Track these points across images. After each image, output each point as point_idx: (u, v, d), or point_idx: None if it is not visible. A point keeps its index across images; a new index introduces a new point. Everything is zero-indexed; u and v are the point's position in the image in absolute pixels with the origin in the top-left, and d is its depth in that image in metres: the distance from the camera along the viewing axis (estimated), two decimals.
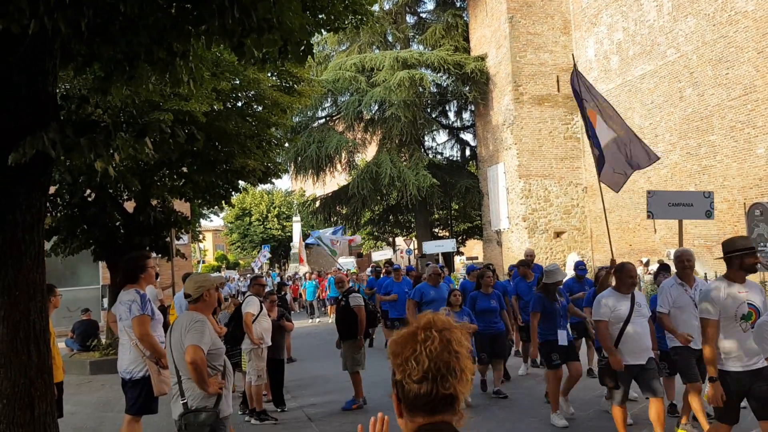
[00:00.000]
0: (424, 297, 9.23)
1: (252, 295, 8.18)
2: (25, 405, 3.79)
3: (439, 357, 1.54)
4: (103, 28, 3.71)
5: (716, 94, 19.72)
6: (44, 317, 4.01)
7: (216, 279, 4.69)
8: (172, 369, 4.22)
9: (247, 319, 7.75)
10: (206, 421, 4.04)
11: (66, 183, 11.01)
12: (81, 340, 13.77)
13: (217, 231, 71.43)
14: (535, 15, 26.66)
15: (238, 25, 3.63)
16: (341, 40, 32.05)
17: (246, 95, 11.40)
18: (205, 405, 4.09)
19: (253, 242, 55.72)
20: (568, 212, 26.58)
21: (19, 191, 3.79)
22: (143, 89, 5.13)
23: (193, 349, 4.00)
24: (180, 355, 4.08)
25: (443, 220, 35.79)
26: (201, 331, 4.08)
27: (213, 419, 4.06)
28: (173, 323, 4.39)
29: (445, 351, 1.55)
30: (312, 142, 28.57)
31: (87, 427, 7.93)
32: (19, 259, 3.80)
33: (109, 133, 3.72)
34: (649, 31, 22.49)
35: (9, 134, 3.62)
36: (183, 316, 4.39)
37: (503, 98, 27.01)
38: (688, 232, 21.07)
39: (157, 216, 12.22)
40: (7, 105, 3.71)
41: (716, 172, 19.88)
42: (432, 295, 9.25)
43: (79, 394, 10.05)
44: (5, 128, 3.67)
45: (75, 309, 16.01)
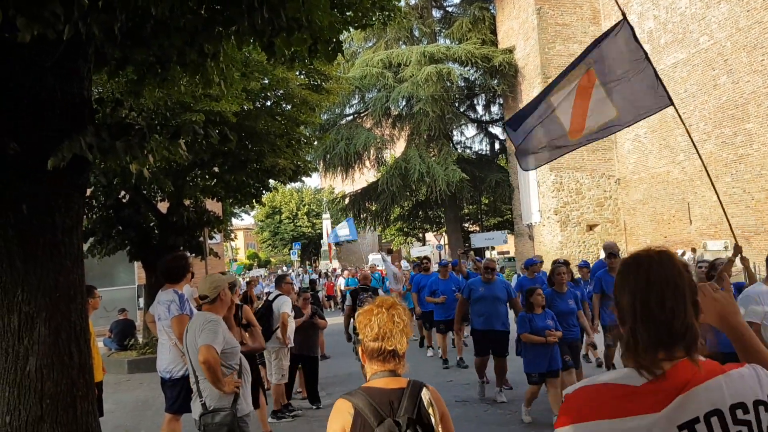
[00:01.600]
0: (473, 294, 8.40)
1: (283, 295, 8.23)
2: (67, 404, 3.85)
3: (385, 325, 2.36)
4: (135, 32, 3.75)
5: (752, 81, 19.27)
6: (84, 318, 4.07)
7: (228, 278, 4.71)
8: (190, 369, 4.25)
9: (284, 319, 7.82)
10: (223, 421, 4.05)
11: (101, 185, 11.20)
12: (119, 340, 14.01)
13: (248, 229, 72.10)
14: (564, 6, 26.35)
15: (268, 25, 3.63)
16: (368, 36, 32.08)
17: (275, 94, 11.47)
18: (223, 405, 4.11)
19: (283, 240, 56.13)
20: (601, 204, 26.25)
21: (57, 195, 3.85)
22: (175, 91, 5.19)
23: (205, 348, 4.01)
24: (195, 356, 4.11)
25: (473, 215, 35.67)
26: (214, 330, 4.10)
27: (230, 419, 4.07)
28: (188, 324, 4.41)
29: (390, 321, 2.37)
30: (340, 140, 28.65)
31: (126, 425, 8.06)
32: (60, 262, 3.86)
33: (144, 135, 3.75)
34: (681, 18, 22.06)
35: (46, 139, 3.68)
36: (197, 316, 4.40)
37: (532, 90, 26.75)
38: (724, 223, 20.66)
39: (190, 216, 12.37)
40: (43, 110, 3.77)
41: (753, 160, 19.44)
42: (481, 291, 8.37)
43: (118, 392, 10.22)
44: (43, 133, 3.74)
45: (112, 309, 16.29)
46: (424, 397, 2.39)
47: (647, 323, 1.42)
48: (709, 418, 1.33)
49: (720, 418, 1.33)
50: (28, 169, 3.72)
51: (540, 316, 6.88)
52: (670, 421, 1.34)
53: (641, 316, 1.43)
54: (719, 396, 1.35)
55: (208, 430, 4.07)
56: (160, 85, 4.33)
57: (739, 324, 1.59)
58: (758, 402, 1.35)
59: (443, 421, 2.42)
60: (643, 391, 1.38)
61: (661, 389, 1.37)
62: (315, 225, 55.29)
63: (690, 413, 1.33)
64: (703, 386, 1.36)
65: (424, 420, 2.34)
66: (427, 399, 2.39)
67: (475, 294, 8.35)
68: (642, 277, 1.47)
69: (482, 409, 7.68)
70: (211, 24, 3.75)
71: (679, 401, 1.35)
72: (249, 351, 5.73)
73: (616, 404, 1.38)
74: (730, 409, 1.34)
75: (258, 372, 7.13)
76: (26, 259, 3.79)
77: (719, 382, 1.37)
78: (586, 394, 1.44)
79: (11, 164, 3.66)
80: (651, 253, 1.51)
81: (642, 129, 24.49)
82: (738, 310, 1.61)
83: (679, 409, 1.35)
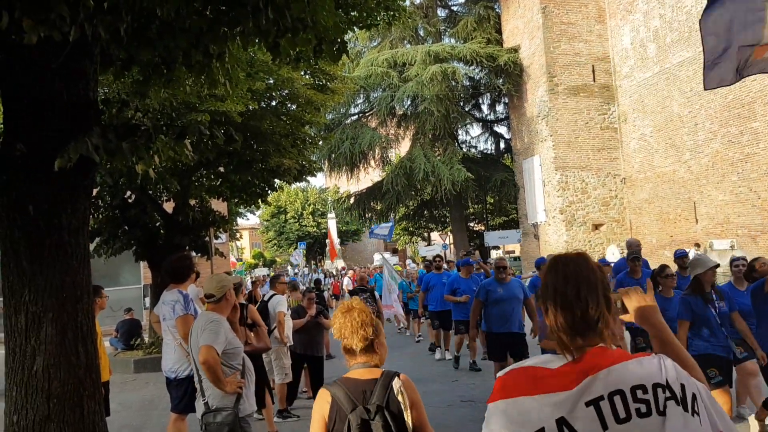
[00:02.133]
0: (490, 296, 8.04)
1: (278, 294, 8.26)
2: (74, 404, 3.88)
3: (342, 327, 2.75)
4: (140, 33, 3.76)
5: (758, 80, 19.17)
6: (91, 318, 4.10)
7: (234, 279, 4.71)
8: (194, 369, 4.27)
9: (281, 318, 7.86)
10: (225, 421, 4.06)
11: (107, 185, 11.25)
12: (125, 339, 14.06)
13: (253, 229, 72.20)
14: (569, 4, 26.29)
15: (273, 26, 3.65)
16: (372, 36, 32.07)
17: (280, 94, 11.49)
18: (225, 404, 4.12)
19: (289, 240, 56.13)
20: (607, 204, 26.19)
21: (64, 195, 3.87)
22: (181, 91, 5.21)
23: (205, 349, 4.02)
24: (197, 356, 4.13)
25: (479, 214, 35.64)
26: (215, 331, 4.10)
27: (231, 419, 4.07)
28: (193, 324, 4.42)
29: (344, 323, 2.74)
30: (345, 139, 28.66)
31: (132, 425, 8.08)
32: (66, 262, 3.88)
33: (150, 136, 3.77)
34: (687, 17, 21.98)
35: (53, 140, 3.69)
36: (200, 316, 4.41)
37: (538, 89, 26.71)
38: (731, 222, 20.60)
39: (196, 216, 12.41)
40: (49, 111, 3.79)
41: (759, 159, 19.36)
42: (500, 293, 7.99)
43: (124, 392, 10.25)
44: (49, 134, 3.75)
45: (118, 309, 16.34)
46: (394, 385, 2.62)
47: (566, 312, 1.67)
48: (613, 396, 1.55)
49: (622, 396, 1.55)
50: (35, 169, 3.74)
51: None
52: (579, 397, 1.57)
53: (561, 306, 1.68)
54: (623, 378, 1.56)
55: (210, 429, 4.08)
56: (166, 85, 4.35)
57: (658, 322, 1.84)
58: (656, 384, 1.55)
59: (413, 407, 2.61)
60: (560, 372, 1.63)
61: (574, 371, 1.61)
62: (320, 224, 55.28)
63: (596, 392, 1.56)
64: (609, 369, 1.58)
65: (393, 406, 2.57)
66: (397, 387, 2.61)
67: (493, 295, 8.00)
68: (561, 273, 1.72)
69: None
70: (217, 25, 3.76)
71: (588, 381, 1.58)
72: (254, 351, 5.74)
73: (537, 383, 1.63)
74: (631, 390, 1.55)
75: (264, 372, 7.14)
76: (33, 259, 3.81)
77: (624, 366, 1.59)
78: (514, 375, 1.69)
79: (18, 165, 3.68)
80: (570, 255, 1.79)
81: (648, 128, 24.42)
82: (657, 310, 1.87)
83: (587, 387, 1.57)
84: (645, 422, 1.52)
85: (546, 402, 1.59)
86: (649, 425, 1.52)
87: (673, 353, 1.72)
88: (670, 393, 1.55)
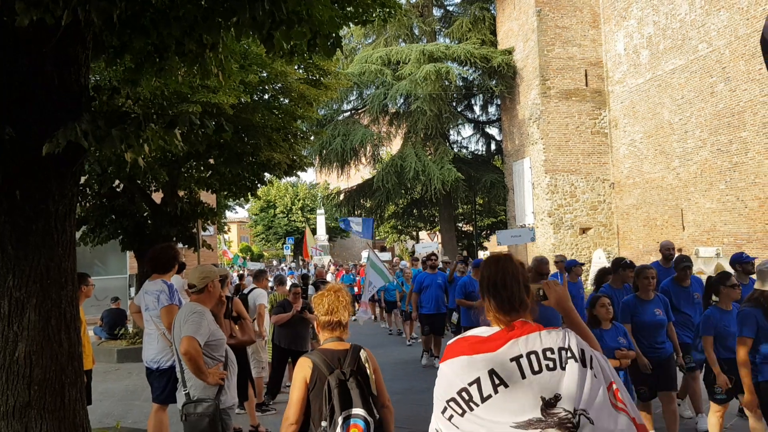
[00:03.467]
0: None
1: (258, 288, 8.27)
2: (55, 391, 3.85)
3: (332, 303, 3.30)
4: (134, 20, 3.74)
5: (749, 90, 19.34)
6: (75, 305, 4.07)
7: (220, 271, 4.69)
8: (176, 359, 4.26)
9: (261, 311, 7.87)
10: (205, 412, 4.05)
11: (95, 173, 11.16)
12: (109, 329, 13.99)
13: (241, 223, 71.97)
14: (564, 8, 26.37)
15: (268, 18, 3.63)
16: (367, 33, 32.05)
17: (273, 88, 11.45)
18: (206, 396, 4.11)
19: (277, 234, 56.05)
20: (595, 208, 26.31)
21: (51, 181, 3.84)
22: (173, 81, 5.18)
23: (186, 340, 4.01)
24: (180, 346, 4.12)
25: (467, 215, 35.70)
26: (198, 322, 4.09)
27: (212, 410, 4.07)
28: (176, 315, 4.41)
29: (335, 300, 3.31)
30: (337, 135, 28.61)
31: (114, 414, 8.05)
32: (52, 248, 3.85)
33: (140, 124, 3.74)
34: (681, 25, 22.12)
35: (42, 125, 3.66)
36: (183, 307, 4.40)
37: (530, 92, 26.79)
38: (717, 230, 20.75)
39: (184, 207, 12.35)
40: (40, 95, 3.76)
41: (747, 169, 19.52)
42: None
43: (107, 381, 10.20)
44: (38, 118, 3.72)
45: (103, 298, 16.25)
46: (362, 355, 3.30)
47: (496, 296, 2.25)
48: (529, 355, 2.07)
49: (536, 355, 2.08)
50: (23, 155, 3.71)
51: (609, 333, 5.46)
52: (504, 356, 2.08)
53: (492, 292, 2.26)
54: (536, 343, 2.10)
55: (190, 420, 4.07)
56: (158, 74, 4.33)
57: (568, 308, 2.47)
58: (561, 348, 2.09)
59: (376, 373, 3.33)
60: (491, 338, 2.16)
61: (501, 337, 2.14)
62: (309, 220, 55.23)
63: (517, 352, 2.09)
64: (527, 336, 2.12)
65: (362, 371, 3.24)
66: (364, 357, 3.30)
67: None
68: (493, 268, 2.31)
69: None
70: (211, 15, 3.74)
71: (511, 344, 2.11)
72: (239, 343, 5.73)
73: (473, 347, 2.15)
74: (542, 351, 2.08)
75: (248, 365, 7.13)
76: (18, 245, 3.78)
77: (538, 334, 2.13)
78: (457, 342, 2.23)
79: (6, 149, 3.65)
80: (500, 255, 2.39)
81: (638, 134, 24.55)
82: (569, 298, 2.49)
83: (511, 349, 2.10)
84: (552, 374, 2.04)
85: (480, 359, 2.09)
86: (555, 376, 2.04)
87: (578, 330, 2.32)
88: (571, 354, 2.08)
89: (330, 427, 3.09)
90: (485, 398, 2.04)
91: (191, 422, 4.07)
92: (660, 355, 5.86)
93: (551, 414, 1.99)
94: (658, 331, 5.93)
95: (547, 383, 2.03)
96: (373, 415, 3.19)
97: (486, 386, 2.04)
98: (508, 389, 2.03)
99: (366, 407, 3.16)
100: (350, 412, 3.13)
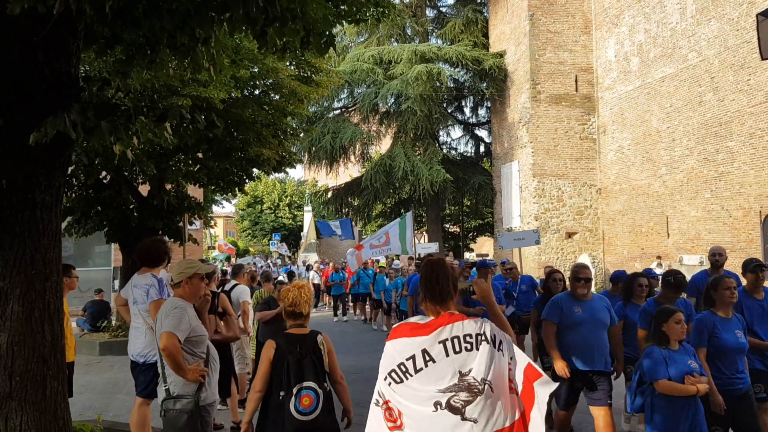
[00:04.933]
0: (566, 318, 5.60)
1: (240, 284, 8.23)
2: (37, 383, 3.83)
3: (296, 297, 4.00)
4: (126, 11, 3.71)
5: (737, 100, 19.53)
6: (59, 297, 4.04)
7: (207, 268, 4.64)
8: (158, 354, 4.23)
9: (245, 308, 7.84)
10: (184, 408, 4.03)
11: (82, 164, 11.05)
12: (92, 321, 13.88)
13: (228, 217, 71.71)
14: (556, 13, 26.50)
15: (262, 14, 3.62)
16: (360, 31, 32.01)
17: (264, 83, 11.40)
18: (186, 392, 4.09)
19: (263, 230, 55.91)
20: (581, 213, 26.47)
21: (39, 171, 3.81)
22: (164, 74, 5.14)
23: (166, 335, 3.99)
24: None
25: (455, 216, 35.75)
26: (178, 317, 4.08)
27: (192, 406, 4.05)
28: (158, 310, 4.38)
29: (298, 295, 4.01)
30: (327, 133, 28.57)
31: (95, 407, 8.00)
32: (37, 239, 3.82)
33: (130, 116, 3.72)
34: (671, 33, 22.29)
35: (31, 114, 3.64)
36: (166, 302, 4.37)
37: (520, 96, 26.89)
38: (701, 239, 20.93)
39: (171, 200, 12.27)
40: (29, 85, 3.73)
41: (733, 179, 19.71)
42: (578, 315, 5.55)
43: (88, 374, 10.13)
44: (27, 108, 3.69)
45: (86, 290, 16.14)
46: (318, 339, 3.97)
47: (429, 291, 2.82)
48: (453, 339, 2.67)
49: (458, 339, 2.67)
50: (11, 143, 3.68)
51: (679, 354, 4.55)
52: (434, 339, 2.68)
53: (427, 288, 2.83)
54: (459, 330, 2.69)
55: (169, 416, 4.05)
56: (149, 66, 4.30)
57: (491, 301, 3.08)
58: (478, 334, 2.68)
59: (329, 354, 3.96)
60: (426, 325, 2.75)
61: (433, 324, 2.74)
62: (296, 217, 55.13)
63: (444, 336, 2.69)
64: (452, 324, 2.71)
65: (318, 352, 3.91)
66: (320, 341, 3.97)
67: (570, 317, 5.57)
68: (429, 269, 2.87)
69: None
70: (205, 8, 3.72)
71: (440, 330, 2.70)
72: (224, 340, 5.71)
73: (412, 331, 2.76)
74: (463, 336, 2.68)
75: (231, 362, 7.10)
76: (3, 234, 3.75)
77: (461, 323, 2.71)
78: (401, 326, 2.85)
79: None
80: (434, 258, 2.97)
81: (626, 141, 24.72)
82: (491, 293, 3.12)
83: (439, 334, 2.69)
84: (469, 353, 2.65)
85: (416, 341, 2.71)
86: (471, 355, 2.64)
87: (496, 320, 2.89)
88: (484, 338, 2.68)
89: (286, 396, 3.76)
90: (418, 370, 2.67)
91: (170, 418, 4.05)
92: (740, 388, 4.92)
93: (464, 381, 2.61)
94: (740, 358, 4.99)
95: (464, 360, 2.64)
96: (323, 388, 3.85)
97: (419, 361, 2.67)
98: (435, 364, 2.65)
99: (317, 381, 3.82)
100: (303, 384, 3.79)
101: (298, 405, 3.75)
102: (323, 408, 3.81)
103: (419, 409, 2.64)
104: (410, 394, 2.66)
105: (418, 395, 2.64)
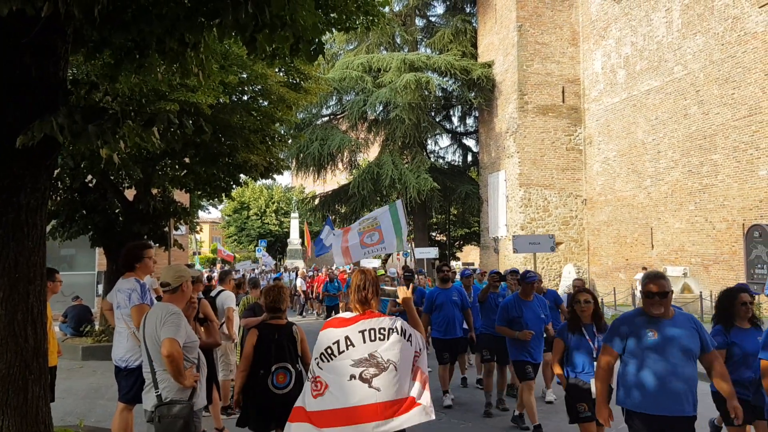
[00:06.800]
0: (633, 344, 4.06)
1: (226, 290, 8.19)
2: (19, 387, 3.79)
3: (276, 295, 5.00)
4: (115, 15, 3.71)
5: (721, 114, 19.76)
6: (42, 301, 4.01)
7: (192, 272, 4.69)
8: (145, 360, 4.20)
9: (230, 314, 7.80)
10: (180, 414, 4.02)
11: (68, 167, 10.98)
12: (74, 325, 13.74)
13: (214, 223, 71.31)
14: (544, 25, 26.72)
15: (252, 20, 3.63)
16: (350, 39, 32.11)
17: (252, 89, 11.40)
18: (180, 397, 4.08)
19: (249, 236, 55.63)
20: (566, 223, 26.62)
21: (24, 174, 3.79)
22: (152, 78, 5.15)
23: (169, 342, 3.97)
24: (154, 347, 4.06)
25: (441, 225, 35.84)
26: (177, 323, 4.06)
27: (187, 411, 4.04)
28: (146, 315, 4.34)
29: (278, 295, 5.01)
30: (315, 140, 28.59)
31: (77, 412, 7.91)
32: (21, 242, 3.79)
33: (117, 120, 3.71)
34: (658, 47, 22.54)
35: (18, 116, 3.62)
36: (157, 307, 4.32)
37: (508, 106, 27.04)
38: (685, 250, 21.12)
39: (157, 205, 12.20)
40: (17, 87, 3.71)
41: (717, 191, 19.92)
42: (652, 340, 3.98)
43: (71, 379, 10.03)
44: (14, 110, 3.67)
45: (69, 294, 15.97)
46: (293, 329, 4.90)
47: (358, 293, 3.59)
48: (370, 329, 3.44)
49: (374, 330, 3.43)
50: None
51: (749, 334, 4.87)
52: (355, 329, 3.44)
53: (356, 291, 3.60)
54: (375, 323, 3.46)
55: (164, 421, 4.02)
56: (137, 71, 4.29)
57: (410, 306, 3.87)
58: (390, 328, 3.45)
59: (303, 342, 4.89)
60: (351, 319, 3.51)
61: (357, 318, 3.50)
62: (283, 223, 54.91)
63: (363, 327, 3.45)
64: (370, 319, 3.48)
65: (293, 339, 4.82)
66: (294, 330, 4.88)
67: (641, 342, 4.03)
68: (360, 276, 3.65)
69: None
70: (194, 14, 3.73)
71: (360, 322, 3.47)
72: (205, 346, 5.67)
73: (341, 323, 3.50)
74: (378, 328, 3.44)
75: (214, 367, 7.06)
76: None
77: (378, 318, 3.49)
78: (333, 320, 3.60)
79: None
80: (365, 269, 3.78)
81: (612, 152, 24.92)
82: (411, 299, 3.89)
83: (359, 325, 3.45)
84: (381, 342, 3.41)
85: (342, 330, 3.46)
86: (383, 343, 3.41)
87: (411, 321, 3.68)
88: (395, 331, 3.44)
89: (265, 373, 4.67)
90: (340, 352, 3.42)
91: (165, 424, 4.02)
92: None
93: (374, 359, 3.39)
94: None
95: (377, 346, 3.41)
96: (296, 368, 4.78)
97: (342, 345, 3.42)
98: (354, 348, 3.41)
99: (291, 362, 4.76)
100: (279, 364, 4.70)
101: (274, 381, 4.69)
102: (295, 384, 4.67)
103: (339, 380, 3.40)
104: (334, 369, 3.42)
105: (339, 370, 3.40)
